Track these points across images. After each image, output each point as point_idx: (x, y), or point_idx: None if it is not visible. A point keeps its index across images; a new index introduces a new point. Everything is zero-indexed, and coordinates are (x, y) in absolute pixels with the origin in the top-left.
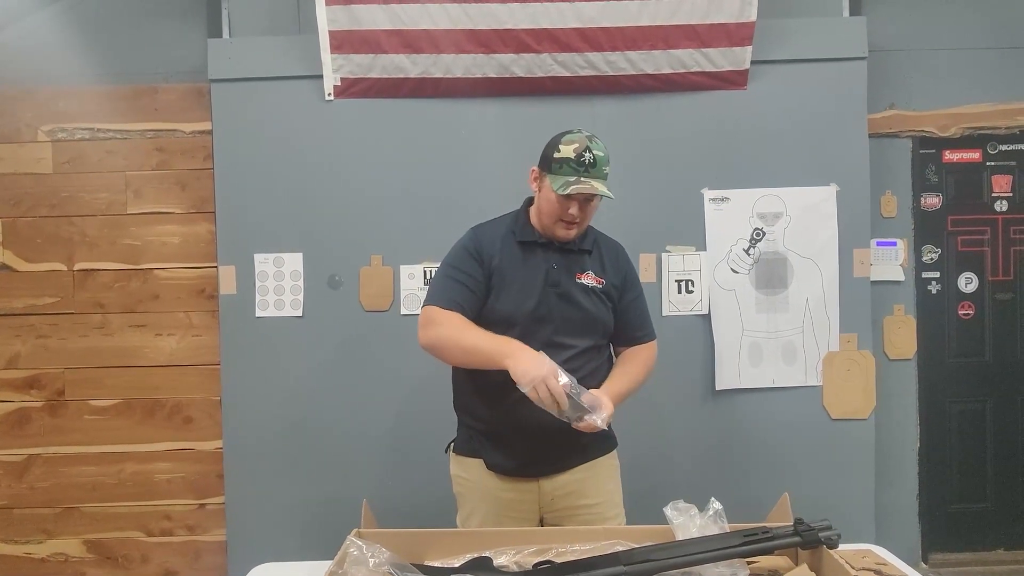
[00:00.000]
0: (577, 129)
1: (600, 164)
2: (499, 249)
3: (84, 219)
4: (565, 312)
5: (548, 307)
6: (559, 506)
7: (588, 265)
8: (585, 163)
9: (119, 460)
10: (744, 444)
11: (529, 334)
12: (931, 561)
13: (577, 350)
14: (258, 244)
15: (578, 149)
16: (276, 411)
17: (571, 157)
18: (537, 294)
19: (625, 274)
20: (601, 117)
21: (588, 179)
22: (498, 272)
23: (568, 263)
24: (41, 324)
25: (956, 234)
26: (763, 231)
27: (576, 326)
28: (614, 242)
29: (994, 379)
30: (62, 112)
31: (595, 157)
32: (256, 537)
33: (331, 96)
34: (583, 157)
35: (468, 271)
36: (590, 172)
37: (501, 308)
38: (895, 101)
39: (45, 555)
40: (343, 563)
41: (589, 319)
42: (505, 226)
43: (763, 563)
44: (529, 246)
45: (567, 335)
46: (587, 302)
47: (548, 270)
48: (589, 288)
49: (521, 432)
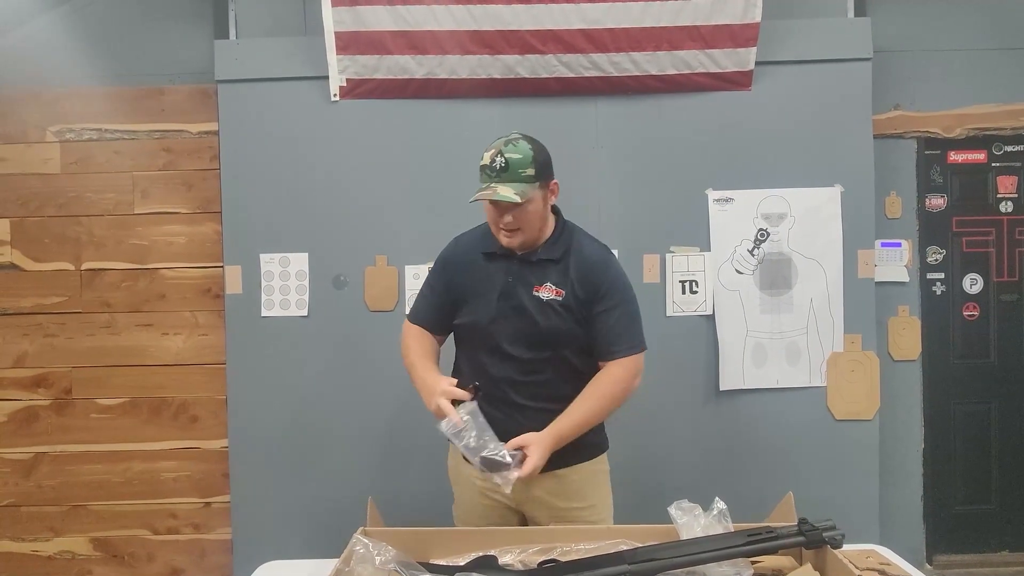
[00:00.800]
0: (509, 133)
1: (513, 167)
2: (467, 262)
3: (91, 219)
4: (516, 324)
5: (500, 320)
6: (537, 503)
7: (550, 276)
8: (496, 168)
9: (125, 459)
10: (748, 444)
11: (484, 345)
12: (936, 562)
13: (529, 362)
14: (264, 244)
15: (492, 155)
16: (281, 410)
17: (486, 163)
18: (491, 307)
19: (597, 285)
20: (605, 118)
21: (497, 184)
22: (461, 287)
23: (527, 274)
24: (48, 323)
25: (961, 235)
26: (767, 232)
27: (526, 338)
28: (597, 250)
29: (999, 380)
30: (70, 113)
31: (507, 160)
32: (261, 536)
33: (337, 97)
34: (495, 162)
35: (435, 286)
36: (501, 177)
37: (462, 320)
38: (900, 102)
39: (52, 553)
40: (349, 561)
41: (541, 332)
42: (478, 235)
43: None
44: (492, 256)
45: (517, 347)
46: (540, 315)
47: (504, 283)
48: (545, 301)
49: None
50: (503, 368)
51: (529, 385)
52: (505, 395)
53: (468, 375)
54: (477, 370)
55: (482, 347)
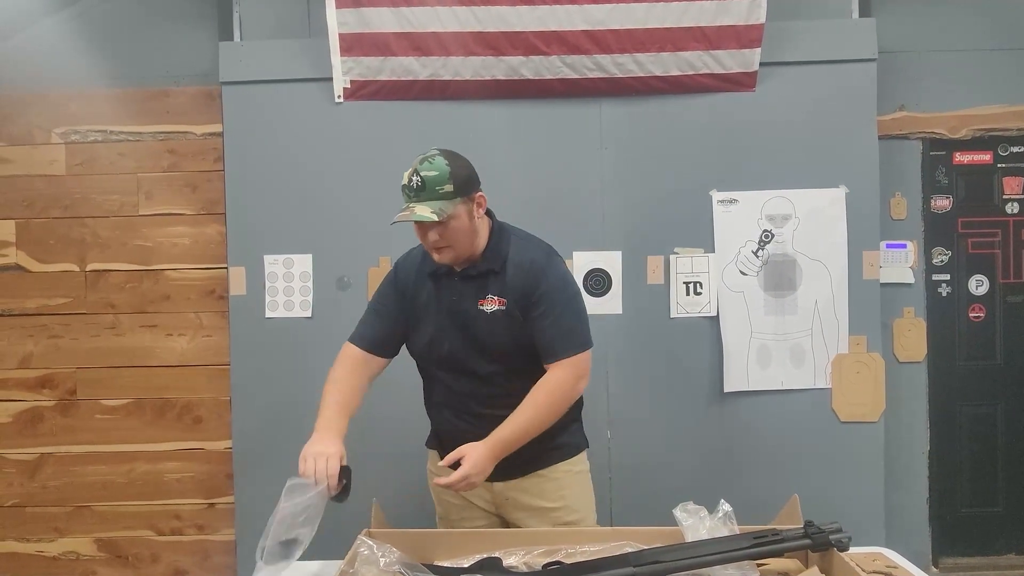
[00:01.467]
0: (427, 151)
1: (430, 185)
2: (414, 282)
3: (96, 220)
4: (467, 340)
5: (451, 337)
6: (513, 505)
7: (491, 287)
8: (413, 187)
9: (129, 459)
10: (753, 446)
11: (440, 363)
12: (942, 565)
13: (487, 375)
14: (268, 245)
15: (409, 174)
16: (285, 411)
17: (404, 183)
18: (441, 326)
19: (533, 289)
20: (609, 119)
21: (415, 203)
22: (411, 308)
23: (470, 289)
24: (53, 324)
25: (966, 236)
26: (772, 233)
27: (479, 352)
28: (531, 252)
29: (1005, 382)
30: (75, 114)
31: (423, 179)
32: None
33: (341, 98)
34: (412, 181)
35: (386, 306)
36: (419, 196)
37: (415, 341)
38: (905, 103)
39: (56, 553)
40: (354, 562)
41: (490, 344)
42: (419, 255)
43: (773, 565)
44: (435, 276)
45: (472, 362)
46: (486, 327)
47: (449, 300)
48: (490, 313)
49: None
50: (462, 383)
51: (491, 397)
52: (468, 407)
53: (434, 394)
54: (439, 388)
55: (439, 365)
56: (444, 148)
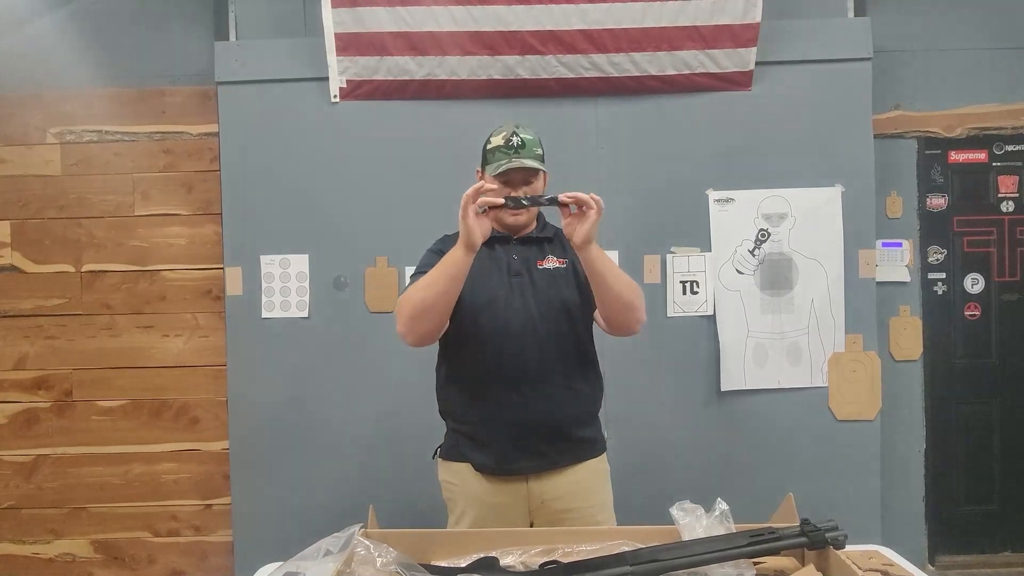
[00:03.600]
0: (503, 123)
1: (529, 145)
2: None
3: (92, 221)
4: (529, 298)
5: (513, 297)
6: (548, 509)
7: (548, 251)
8: (514, 146)
9: (126, 461)
10: (749, 445)
11: (499, 324)
12: (938, 563)
13: (549, 334)
14: (264, 245)
15: (506, 135)
16: (282, 412)
17: (501, 144)
18: (503, 284)
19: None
20: (605, 118)
21: (519, 158)
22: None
23: (528, 253)
24: (49, 325)
25: (962, 235)
26: (768, 232)
27: (542, 311)
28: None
29: (1001, 380)
30: (70, 115)
31: (523, 139)
32: (262, 538)
33: (337, 98)
34: (511, 141)
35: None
36: (520, 152)
37: (469, 307)
38: (900, 102)
39: (53, 555)
40: (351, 562)
41: (554, 302)
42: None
43: (769, 563)
44: (489, 243)
45: (532, 322)
46: (551, 286)
47: (509, 262)
48: (552, 271)
49: (503, 427)
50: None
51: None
52: (518, 375)
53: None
54: (487, 352)
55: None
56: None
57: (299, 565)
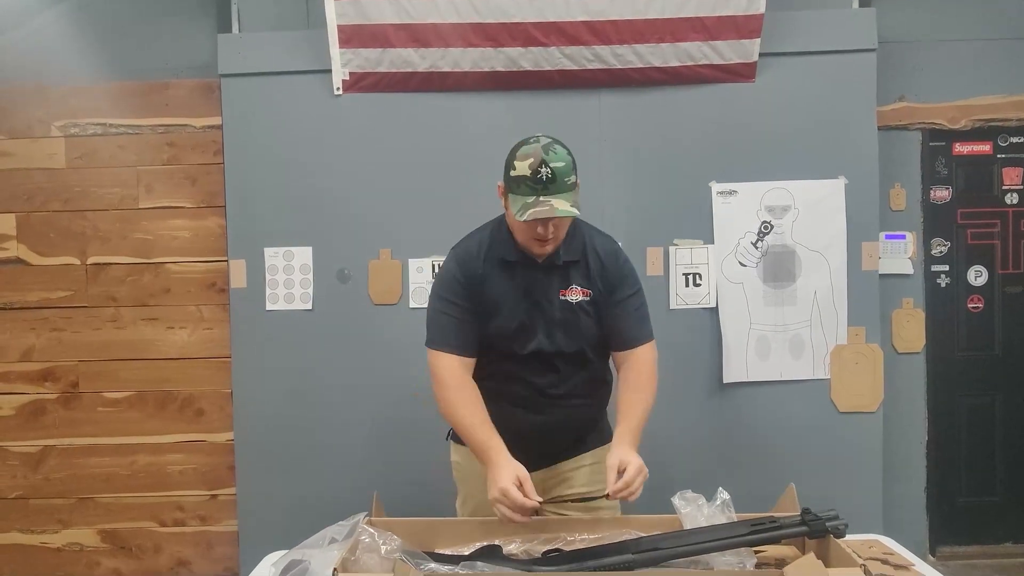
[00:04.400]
0: (534, 137)
1: (560, 177)
2: (482, 273)
3: (96, 213)
4: (547, 329)
5: (538, 329)
6: (552, 495)
7: (573, 279)
8: (542, 179)
9: (132, 452)
10: (751, 437)
11: (511, 351)
12: (939, 554)
13: (565, 365)
14: (268, 238)
15: (533, 165)
16: (286, 403)
17: (527, 175)
18: (520, 314)
19: (614, 276)
20: (608, 110)
21: (548, 197)
22: (485, 298)
23: (551, 280)
24: (55, 317)
25: (966, 227)
26: (771, 224)
27: (557, 342)
28: (607, 241)
29: (1004, 373)
30: (74, 108)
31: (553, 171)
32: (267, 527)
33: (340, 90)
34: (539, 174)
35: (456, 301)
36: (548, 189)
37: (490, 331)
38: (905, 93)
39: (60, 545)
40: (355, 550)
41: (572, 334)
42: (485, 244)
43: (770, 552)
44: (509, 265)
45: (552, 352)
46: (572, 319)
47: (530, 289)
48: (574, 304)
49: (517, 435)
50: (540, 372)
51: (557, 384)
52: (536, 396)
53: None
54: (501, 373)
55: (509, 353)
56: (544, 133)
57: (304, 553)
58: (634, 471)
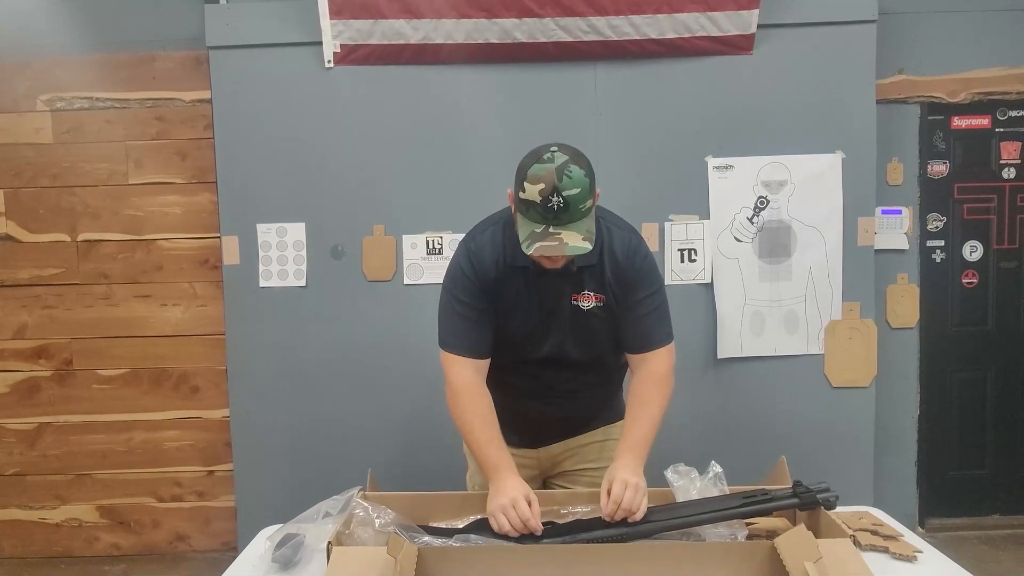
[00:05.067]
0: (549, 153)
1: (573, 205)
2: (495, 276)
3: (85, 189)
4: (566, 336)
5: (550, 335)
6: (560, 470)
7: (586, 283)
8: (553, 209)
9: (128, 428)
10: (745, 412)
11: (519, 354)
12: (928, 526)
13: (579, 370)
14: (260, 214)
15: (544, 192)
16: (281, 380)
17: (536, 201)
18: (532, 320)
19: (630, 278)
20: (604, 83)
21: (558, 228)
22: (500, 299)
23: (563, 285)
24: (47, 295)
25: (962, 202)
26: (767, 199)
27: (577, 347)
28: (625, 238)
29: (996, 348)
30: (60, 81)
31: (565, 200)
32: (264, 502)
33: (331, 63)
34: (550, 202)
35: (469, 302)
36: (560, 219)
37: (506, 333)
38: (904, 66)
39: (59, 520)
40: (350, 524)
41: (583, 340)
42: (499, 245)
43: (762, 524)
44: (524, 270)
45: (568, 356)
46: (582, 323)
47: (541, 294)
48: (587, 310)
49: (524, 420)
50: (552, 373)
51: (573, 385)
52: (553, 393)
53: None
54: (523, 379)
55: (517, 357)
56: (562, 144)
57: (299, 527)
58: (619, 488)
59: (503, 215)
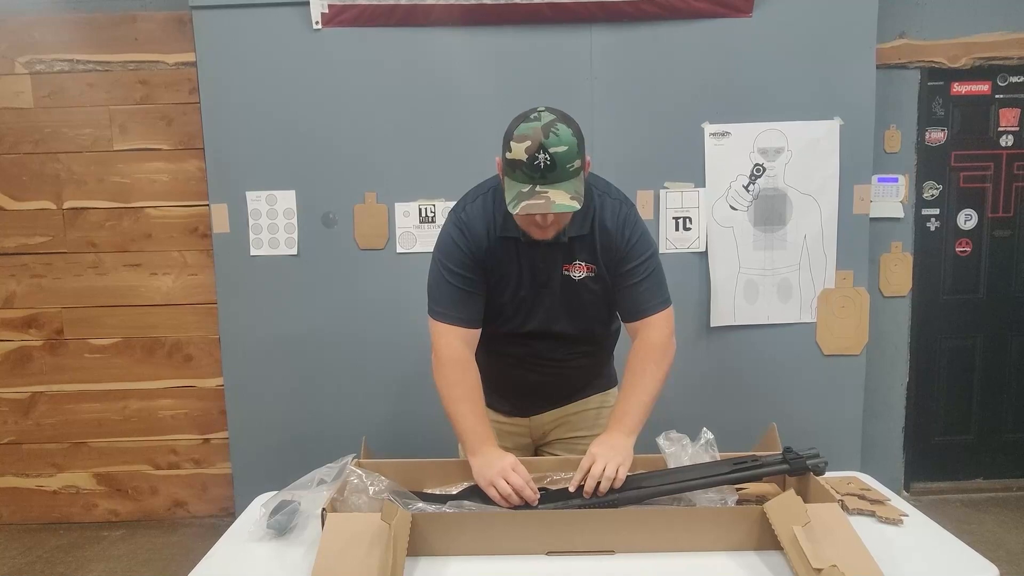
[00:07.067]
0: (535, 113)
1: (561, 164)
2: (487, 246)
3: (70, 156)
4: (556, 307)
5: (540, 306)
6: (551, 438)
7: (577, 253)
8: (540, 167)
9: (122, 397)
10: (737, 380)
11: (518, 329)
12: (912, 489)
13: (569, 340)
14: (249, 181)
15: (530, 149)
16: (275, 348)
17: (523, 160)
18: (529, 294)
19: (620, 247)
20: (600, 47)
21: (545, 187)
22: (491, 268)
23: (554, 255)
24: (34, 263)
25: (959, 170)
26: (763, 167)
27: (567, 318)
28: (616, 207)
29: (985, 315)
30: (38, 43)
31: (552, 157)
32: (260, 469)
33: (319, 24)
34: (536, 160)
35: (462, 272)
36: (547, 178)
37: (498, 305)
38: (906, 30)
39: (57, 488)
40: (344, 491)
41: (574, 311)
42: (490, 214)
43: (751, 489)
44: (513, 240)
45: (558, 326)
46: (573, 294)
47: (532, 265)
48: (578, 280)
49: (515, 388)
50: (543, 344)
51: (565, 355)
52: (544, 362)
53: (505, 354)
54: (513, 349)
55: (508, 327)
56: (550, 106)
57: (294, 494)
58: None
59: (492, 183)
